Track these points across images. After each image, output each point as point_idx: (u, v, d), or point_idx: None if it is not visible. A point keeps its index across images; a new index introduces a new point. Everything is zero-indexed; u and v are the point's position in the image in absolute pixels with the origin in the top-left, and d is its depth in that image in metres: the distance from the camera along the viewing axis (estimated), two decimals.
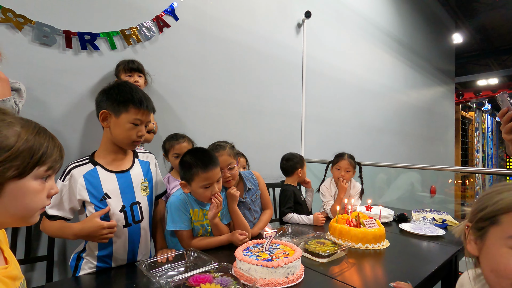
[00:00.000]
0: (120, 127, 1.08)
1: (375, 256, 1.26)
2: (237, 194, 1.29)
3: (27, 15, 1.49)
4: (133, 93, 1.08)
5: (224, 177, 1.32)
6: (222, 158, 1.32)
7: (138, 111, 1.08)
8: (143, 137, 1.13)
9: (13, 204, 0.56)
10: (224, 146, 1.37)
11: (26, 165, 0.55)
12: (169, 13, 2.04)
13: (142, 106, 1.08)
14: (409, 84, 5.04)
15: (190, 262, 1.07)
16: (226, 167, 1.33)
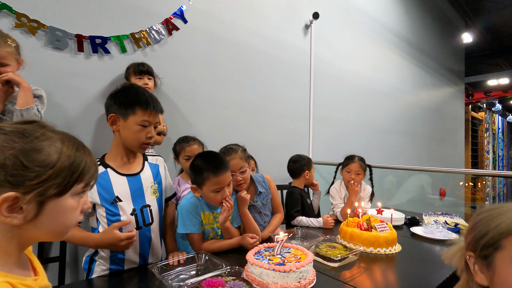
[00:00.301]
0: (129, 129, 1.08)
1: (387, 261, 1.24)
2: (247, 197, 1.29)
3: (40, 19, 1.52)
4: (139, 95, 1.08)
5: (235, 180, 1.31)
6: (234, 162, 1.32)
7: (145, 113, 1.07)
8: (152, 139, 1.13)
9: (51, 222, 0.54)
10: (236, 150, 1.37)
11: (67, 183, 0.54)
12: (178, 16, 2.05)
13: (149, 107, 1.08)
14: (418, 84, 4.98)
15: (201, 265, 1.07)
16: (238, 171, 1.33)
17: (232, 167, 1.30)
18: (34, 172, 0.50)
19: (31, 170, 0.50)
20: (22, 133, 0.51)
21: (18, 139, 0.50)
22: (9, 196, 0.48)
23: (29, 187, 0.50)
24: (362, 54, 3.74)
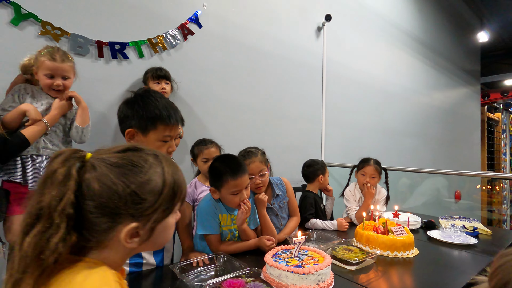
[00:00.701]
0: (149, 145, 0.98)
1: (404, 265, 1.23)
2: (265, 199, 1.31)
3: (63, 27, 1.58)
4: (160, 107, 0.97)
5: (255, 183, 1.33)
6: (254, 165, 1.34)
7: (167, 127, 0.98)
8: (173, 151, 1.08)
9: (157, 239, 0.58)
10: (255, 153, 1.39)
11: (172, 205, 0.57)
12: (193, 21, 2.09)
13: (171, 121, 0.99)
14: (432, 85, 4.90)
15: (220, 266, 1.10)
16: (258, 174, 1.35)
17: (251, 170, 1.31)
18: (149, 203, 0.53)
19: (146, 201, 0.53)
20: (132, 165, 0.53)
21: (131, 172, 0.53)
22: (132, 227, 0.52)
23: (146, 217, 0.54)
24: (374, 55, 3.71)
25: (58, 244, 0.46)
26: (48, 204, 0.47)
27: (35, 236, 0.45)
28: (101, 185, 0.50)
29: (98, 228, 0.51)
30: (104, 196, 0.50)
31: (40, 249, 0.45)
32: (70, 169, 0.50)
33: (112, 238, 0.52)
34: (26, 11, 1.47)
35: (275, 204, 1.47)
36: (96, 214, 0.50)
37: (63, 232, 0.46)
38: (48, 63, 1.23)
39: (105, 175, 0.51)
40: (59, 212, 0.47)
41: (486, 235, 1.67)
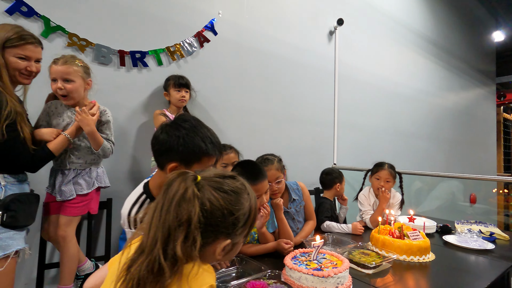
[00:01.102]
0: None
1: (420, 269, 1.25)
2: (281, 203, 1.35)
3: (88, 38, 1.67)
4: (205, 141, 0.93)
5: (272, 190, 1.37)
6: (270, 173, 1.38)
7: (210, 159, 0.96)
8: None
9: (230, 256, 0.68)
10: (272, 160, 1.43)
11: (251, 228, 0.68)
12: (209, 29, 2.15)
13: (215, 153, 0.97)
14: (445, 86, 4.84)
15: (241, 268, 1.14)
16: (274, 181, 1.39)
17: (268, 178, 1.36)
18: (240, 223, 0.64)
19: (239, 223, 0.64)
20: (234, 192, 0.64)
21: (233, 198, 0.63)
22: (228, 243, 0.63)
23: (235, 235, 0.64)
24: (386, 58, 3.70)
25: (198, 249, 0.57)
26: (187, 218, 0.57)
27: (183, 244, 0.56)
28: (211, 205, 0.60)
29: (204, 241, 0.59)
30: (214, 215, 0.60)
31: (188, 251, 0.56)
32: (193, 189, 0.59)
33: (207, 251, 0.62)
34: (55, 24, 1.56)
35: (292, 208, 1.51)
36: (204, 229, 0.59)
37: (200, 239, 0.57)
38: (51, 67, 1.28)
39: (214, 197, 0.60)
40: (194, 223, 0.57)
41: (504, 240, 1.66)
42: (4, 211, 1.04)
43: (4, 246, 1.04)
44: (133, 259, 0.58)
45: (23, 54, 1.12)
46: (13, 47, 1.09)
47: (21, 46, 1.10)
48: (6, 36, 1.07)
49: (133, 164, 1.85)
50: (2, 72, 1.06)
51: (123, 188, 1.80)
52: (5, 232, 1.05)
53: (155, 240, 0.56)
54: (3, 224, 1.04)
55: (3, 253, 1.03)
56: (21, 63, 1.12)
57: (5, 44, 1.07)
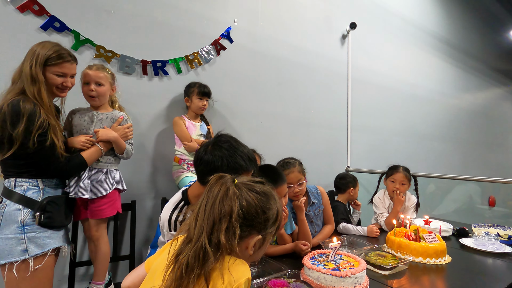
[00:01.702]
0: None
1: (437, 272, 1.27)
2: (302, 204, 1.40)
3: (114, 49, 1.77)
4: (244, 160, 1.03)
5: (293, 192, 1.43)
6: (293, 175, 1.43)
7: (248, 174, 1.04)
8: None
9: (259, 254, 0.77)
10: (294, 163, 1.48)
11: (277, 229, 0.78)
12: (225, 37, 2.23)
13: (252, 168, 1.06)
14: (462, 87, 4.76)
15: (261, 268, 1.19)
16: (296, 183, 1.44)
17: (290, 180, 1.42)
18: (270, 222, 0.73)
19: (269, 221, 0.73)
20: (264, 193, 0.74)
21: (264, 198, 0.73)
22: (259, 238, 0.72)
23: (265, 233, 0.73)
24: (400, 59, 3.69)
25: (237, 238, 0.66)
26: (229, 211, 0.67)
27: (225, 233, 0.66)
28: (247, 203, 0.70)
29: (241, 234, 0.68)
30: (249, 211, 0.70)
31: (229, 241, 0.66)
32: (234, 189, 0.70)
33: (242, 245, 0.70)
34: (84, 37, 1.67)
35: (311, 211, 1.55)
36: (242, 223, 0.68)
37: (239, 230, 0.67)
38: (84, 72, 1.39)
39: (249, 196, 0.71)
40: (235, 217, 0.67)
41: None
42: (42, 212, 1.14)
43: (42, 244, 1.13)
44: (181, 248, 0.67)
45: (61, 71, 1.21)
46: (52, 65, 1.19)
47: (60, 65, 1.20)
48: (47, 54, 1.17)
49: (155, 168, 1.94)
50: (41, 88, 1.15)
51: (145, 191, 1.89)
52: (43, 232, 1.15)
53: (201, 230, 0.66)
54: (41, 224, 1.14)
55: (41, 251, 1.12)
56: (58, 79, 1.22)
57: (46, 62, 1.17)
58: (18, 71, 1.17)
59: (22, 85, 1.14)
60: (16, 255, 1.08)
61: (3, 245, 1.08)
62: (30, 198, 1.14)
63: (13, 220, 1.10)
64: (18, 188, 1.14)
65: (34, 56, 1.15)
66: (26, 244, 1.10)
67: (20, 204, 1.12)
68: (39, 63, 1.15)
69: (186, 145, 1.80)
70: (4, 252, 1.08)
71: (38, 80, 1.14)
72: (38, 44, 1.19)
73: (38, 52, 1.16)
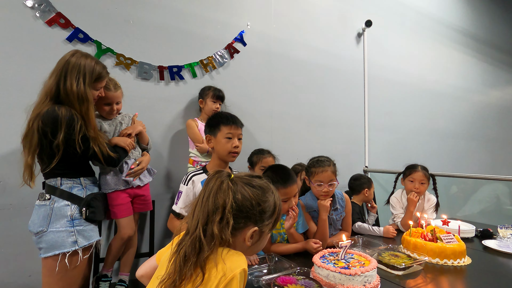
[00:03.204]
0: (219, 143, 1.34)
1: (455, 273, 1.23)
2: (328, 204, 1.41)
3: (133, 57, 1.87)
4: (222, 116, 1.37)
5: (322, 191, 1.43)
6: (326, 174, 1.44)
7: (227, 127, 1.33)
8: (238, 148, 1.35)
9: (258, 246, 0.80)
10: (329, 162, 1.48)
11: (275, 223, 0.82)
12: (238, 40, 2.28)
13: (229, 122, 1.34)
14: (488, 82, 4.51)
15: (272, 265, 1.22)
16: (328, 183, 1.44)
17: (323, 178, 1.43)
18: (267, 214, 0.77)
19: (266, 213, 0.77)
20: (260, 187, 0.78)
21: (259, 192, 0.77)
22: (255, 229, 0.75)
23: (262, 225, 0.77)
24: (420, 56, 3.58)
25: (230, 230, 0.70)
26: (222, 204, 0.71)
27: (218, 224, 0.70)
28: (242, 196, 0.74)
29: (236, 225, 0.72)
30: (244, 204, 0.74)
31: (222, 231, 0.70)
32: (228, 183, 0.74)
33: (238, 237, 0.75)
34: (105, 46, 1.78)
35: (333, 215, 1.54)
36: (236, 214, 0.73)
37: (233, 221, 0.71)
38: (105, 93, 1.42)
39: (245, 190, 0.75)
40: (228, 208, 0.71)
41: None
42: (87, 207, 1.25)
43: (88, 237, 1.24)
44: (181, 239, 0.72)
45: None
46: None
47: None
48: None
49: (171, 169, 2.01)
50: (89, 107, 1.24)
51: (162, 191, 1.97)
52: (88, 225, 1.25)
53: (197, 222, 0.71)
54: (87, 218, 1.25)
55: (88, 242, 1.23)
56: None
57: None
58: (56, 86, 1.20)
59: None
60: (68, 246, 1.18)
61: (55, 237, 1.18)
62: (76, 195, 1.25)
63: (63, 215, 1.20)
64: (64, 186, 1.24)
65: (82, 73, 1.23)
66: (76, 236, 1.20)
67: (68, 200, 1.22)
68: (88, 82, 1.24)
69: (198, 146, 1.86)
70: (57, 243, 1.18)
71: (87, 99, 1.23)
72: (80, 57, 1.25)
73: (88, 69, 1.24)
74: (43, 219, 1.20)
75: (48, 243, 1.18)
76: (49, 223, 1.20)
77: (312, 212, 1.52)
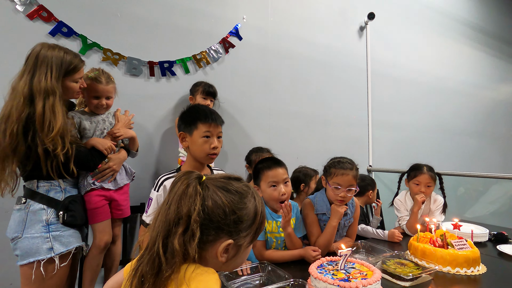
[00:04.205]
0: (195, 143, 1.16)
1: (469, 284, 1.11)
2: (342, 211, 1.30)
3: (121, 52, 1.77)
4: (199, 111, 1.17)
5: (340, 195, 1.32)
6: (346, 178, 1.32)
7: (205, 125, 1.15)
8: (217, 149, 1.18)
9: (236, 261, 0.67)
10: (351, 166, 1.35)
11: (257, 233, 0.68)
12: (233, 34, 2.17)
13: (208, 120, 1.15)
14: (499, 77, 4.34)
15: (265, 276, 1.11)
16: (346, 187, 1.32)
17: (341, 181, 1.32)
18: (245, 224, 0.64)
19: (243, 223, 0.64)
20: (236, 191, 0.65)
21: (235, 197, 0.64)
22: (229, 243, 0.62)
23: (239, 237, 0.64)
24: (426, 51, 3.43)
25: (196, 243, 0.57)
26: (186, 212, 0.59)
27: (181, 236, 0.57)
28: (213, 202, 0.61)
29: (205, 238, 0.60)
30: (215, 212, 0.61)
31: (186, 245, 0.57)
32: (196, 187, 0.61)
33: (210, 251, 0.62)
34: (91, 41, 1.69)
35: (341, 221, 1.43)
36: (206, 225, 0.60)
37: (199, 234, 0.58)
38: (94, 86, 1.36)
39: (217, 195, 0.62)
40: (194, 217, 0.58)
41: None
42: (65, 211, 1.16)
43: (66, 243, 1.15)
44: (141, 255, 0.60)
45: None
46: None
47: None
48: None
49: (162, 169, 1.91)
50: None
51: None
52: (67, 230, 1.17)
53: (157, 234, 0.59)
54: (65, 222, 1.16)
55: (66, 249, 1.14)
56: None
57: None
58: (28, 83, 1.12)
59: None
60: (43, 253, 1.10)
61: (30, 244, 1.10)
62: (52, 198, 1.16)
63: (38, 220, 1.12)
64: (41, 189, 1.16)
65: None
66: (51, 242, 1.12)
67: (44, 204, 1.14)
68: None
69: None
70: (32, 250, 1.10)
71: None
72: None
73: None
74: (18, 224, 1.13)
75: (22, 250, 1.10)
76: (24, 229, 1.12)
77: (319, 215, 1.40)
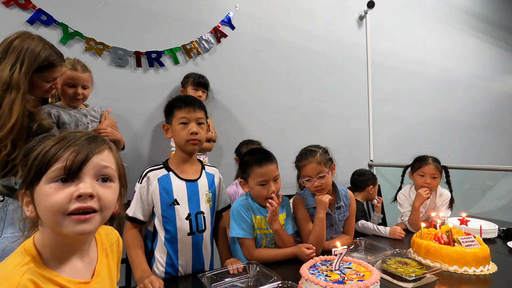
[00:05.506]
0: (174, 131, 1.15)
1: (478, 284, 1.00)
2: (326, 200, 1.20)
3: (105, 41, 1.68)
4: (175, 99, 1.17)
5: (313, 186, 1.23)
6: (310, 167, 1.23)
7: (181, 111, 1.13)
8: (198, 135, 1.13)
9: (40, 210, 0.57)
10: (314, 152, 1.26)
11: (40, 170, 0.59)
12: (225, 24, 2.08)
13: (182, 105, 1.13)
14: (504, 69, 4.20)
15: (252, 277, 1.01)
16: (316, 176, 1.23)
17: (308, 172, 1.23)
18: (26, 165, 0.56)
19: (27, 166, 0.56)
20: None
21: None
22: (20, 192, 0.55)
23: (24, 181, 0.56)
24: (429, 41, 3.30)
25: None
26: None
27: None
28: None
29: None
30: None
31: None
32: None
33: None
34: (73, 30, 1.60)
35: (335, 215, 1.32)
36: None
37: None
38: (70, 73, 1.28)
39: None
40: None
41: None
42: None
43: None
44: None
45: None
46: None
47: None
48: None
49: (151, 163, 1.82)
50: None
51: None
52: None
53: None
54: None
55: None
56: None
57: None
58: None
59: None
60: None
61: (9, 245, 1.02)
62: None
63: (18, 218, 1.03)
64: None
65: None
66: None
67: None
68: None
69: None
70: (12, 250, 1.01)
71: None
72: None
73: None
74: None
75: (1, 252, 1.01)
76: (3, 229, 1.04)
77: (311, 209, 1.30)
